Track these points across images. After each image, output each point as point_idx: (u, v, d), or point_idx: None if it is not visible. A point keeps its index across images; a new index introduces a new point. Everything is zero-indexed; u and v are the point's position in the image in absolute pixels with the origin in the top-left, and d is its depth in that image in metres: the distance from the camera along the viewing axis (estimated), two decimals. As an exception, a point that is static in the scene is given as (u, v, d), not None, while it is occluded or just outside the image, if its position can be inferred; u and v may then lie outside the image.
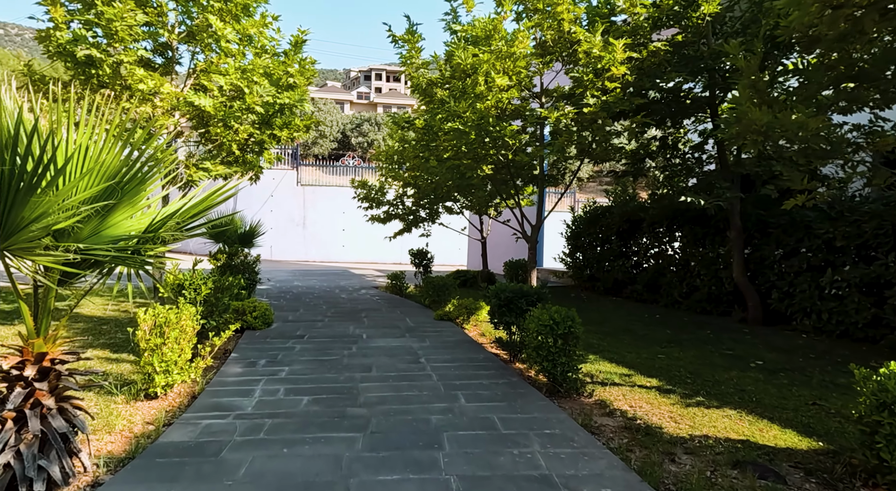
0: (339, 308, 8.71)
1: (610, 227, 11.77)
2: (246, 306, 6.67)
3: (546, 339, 4.42)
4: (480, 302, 7.66)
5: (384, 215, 12.51)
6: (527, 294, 5.57)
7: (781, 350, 6.20)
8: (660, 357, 5.78)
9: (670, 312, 9.26)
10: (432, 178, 8.67)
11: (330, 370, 4.84)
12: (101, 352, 5.29)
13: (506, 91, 6.05)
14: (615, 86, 5.85)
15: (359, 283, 13.23)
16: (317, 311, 8.35)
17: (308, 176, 23.92)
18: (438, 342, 6.16)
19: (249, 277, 8.63)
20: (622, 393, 4.46)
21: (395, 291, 10.93)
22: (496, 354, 5.90)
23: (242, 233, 11.32)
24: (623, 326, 7.67)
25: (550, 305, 4.80)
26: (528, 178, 7.70)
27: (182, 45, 6.52)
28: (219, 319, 5.26)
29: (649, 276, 10.59)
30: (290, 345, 5.83)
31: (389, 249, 22.43)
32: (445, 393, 4.22)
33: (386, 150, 12.19)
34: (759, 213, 8.19)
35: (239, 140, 5.92)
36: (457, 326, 7.27)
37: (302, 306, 8.82)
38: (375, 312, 8.28)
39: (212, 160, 5.68)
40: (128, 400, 3.92)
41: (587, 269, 12.60)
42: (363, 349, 5.71)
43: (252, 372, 4.76)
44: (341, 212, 23.12)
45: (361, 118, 57.58)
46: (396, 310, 8.59)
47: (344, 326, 6.99)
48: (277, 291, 10.92)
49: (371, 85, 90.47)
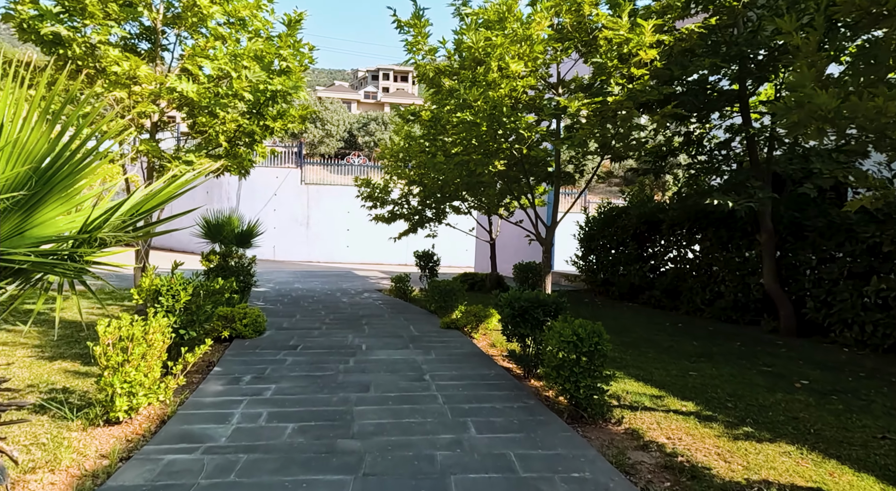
0: (339, 314, 8.16)
1: (626, 229, 11.16)
2: (235, 313, 6.13)
3: (568, 355, 3.85)
4: (490, 309, 7.09)
5: (389, 215, 11.96)
6: (544, 303, 4.99)
7: (825, 367, 5.59)
8: (691, 374, 5.19)
9: (693, 321, 8.65)
10: (439, 176, 8.11)
11: (322, 389, 4.29)
12: (69, 364, 4.76)
13: (521, 79, 5.48)
14: (642, 73, 5.26)
15: (362, 285, 12.69)
16: (315, 317, 7.80)
17: (312, 175, 23.43)
18: (445, 355, 5.59)
19: (244, 280, 8.10)
20: (656, 420, 3.88)
21: (400, 294, 10.38)
22: (508, 368, 5.33)
23: (240, 232, 10.81)
24: (644, 336, 7.08)
25: (572, 318, 4.22)
26: (542, 176, 7.11)
27: (170, 29, 6.00)
28: (199, 330, 4.71)
29: (668, 281, 9.98)
30: (282, 357, 5.28)
31: (395, 250, 21.91)
32: (453, 420, 3.65)
33: (391, 147, 11.65)
34: (793, 214, 7.57)
35: (227, 130, 5.37)
36: (465, 336, 6.70)
37: (299, 311, 8.27)
38: (377, 319, 7.73)
39: (196, 153, 5.15)
40: (85, 426, 3.38)
41: (601, 272, 12.00)
42: (362, 363, 5.15)
43: (234, 391, 4.21)
44: (346, 211, 22.61)
45: (368, 117, 57.18)
46: (400, 316, 8.03)
47: (342, 335, 6.44)
48: (275, 294, 10.40)
49: (378, 84, 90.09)
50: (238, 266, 8.18)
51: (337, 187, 22.86)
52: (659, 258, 10.71)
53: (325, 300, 9.68)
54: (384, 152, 11.87)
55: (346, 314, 8.11)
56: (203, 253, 8.23)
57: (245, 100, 5.04)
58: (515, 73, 5.38)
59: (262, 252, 22.41)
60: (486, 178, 6.29)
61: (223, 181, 22.72)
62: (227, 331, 5.98)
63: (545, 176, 7.18)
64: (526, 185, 6.81)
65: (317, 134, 53.40)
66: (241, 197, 22.45)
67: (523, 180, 7.17)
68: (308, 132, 52.91)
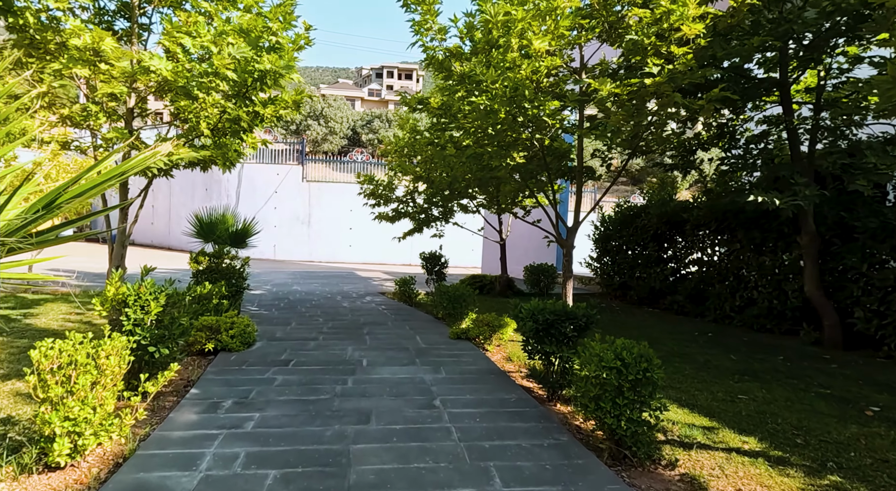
0: (339, 321, 7.50)
1: (646, 230, 10.47)
2: (222, 323, 5.47)
3: (609, 378, 3.18)
4: (505, 317, 6.41)
5: (393, 214, 11.29)
6: (573, 317, 4.32)
7: (892, 389, 4.90)
8: (741, 398, 4.50)
9: (722, 330, 7.96)
10: (448, 171, 7.45)
11: (314, 419, 3.62)
12: (23, 385, 4.11)
13: (544, 59, 4.79)
14: (684, 51, 4.57)
15: (364, 288, 12.03)
16: (312, 324, 7.14)
17: (314, 172, 22.78)
18: (457, 373, 4.92)
19: (235, 284, 7.44)
20: (717, 463, 3.19)
21: (404, 299, 9.72)
22: (528, 387, 4.66)
23: (235, 231, 10.17)
24: (675, 349, 6.40)
25: (611, 337, 3.55)
26: (562, 171, 6.43)
27: (149, 6, 5.35)
28: (173, 347, 4.05)
29: (693, 285, 9.29)
30: (270, 376, 4.61)
31: (399, 250, 21.26)
32: (472, 466, 2.97)
33: (395, 141, 11.00)
34: (840, 214, 6.86)
35: (208, 116, 4.71)
36: (477, 348, 6.03)
37: (296, 318, 7.61)
38: (380, 327, 7.06)
39: (173, 141, 4.51)
40: (16, 473, 2.72)
41: (617, 275, 11.31)
42: (362, 383, 4.48)
43: (209, 421, 3.54)
44: (348, 210, 21.96)
45: (372, 115, 56.58)
46: (405, 324, 7.36)
47: (341, 348, 5.77)
48: (272, 297, 9.74)
49: (383, 82, 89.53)
50: (229, 268, 7.53)
51: (339, 185, 22.21)
52: (681, 261, 10.01)
53: (324, 305, 9.02)
54: (388, 148, 11.21)
55: (347, 321, 7.44)
56: (192, 254, 7.58)
57: (228, 80, 4.38)
58: (538, 51, 4.70)
59: (262, 252, 21.78)
60: (502, 173, 5.62)
61: (222, 178, 22.11)
62: (212, 343, 5.33)
63: (565, 171, 6.50)
64: (546, 180, 6.12)
65: (320, 131, 52.83)
66: (242, 194, 21.83)
67: (542, 175, 6.49)
68: (311, 130, 52.34)
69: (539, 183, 6.42)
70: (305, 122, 52.83)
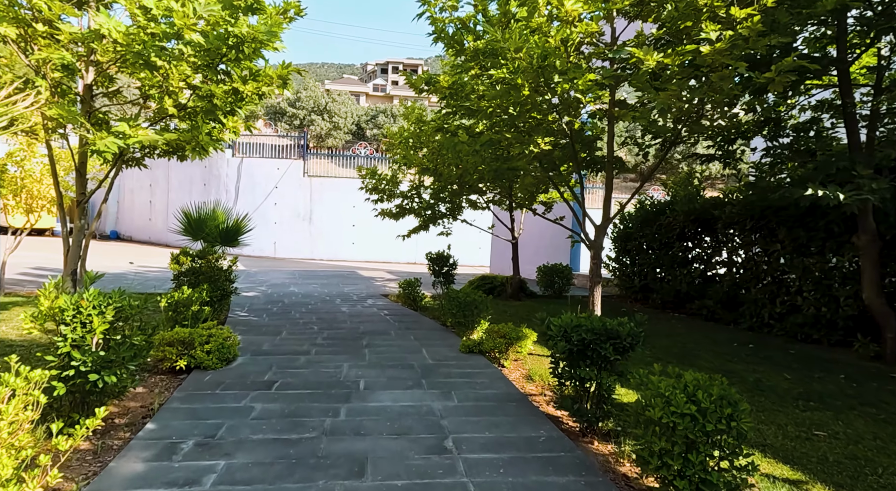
0: (336, 329, 6.72)
1: (671, 228, 9.64)
2: (196, 335, 4.70)
3: (682, 427, 2.39)
4: (523, 327, 5.62)
5: (396, 210, 10.50)
6: (615, 336, 3.53)
7: None
8: (818, 435, 3.70)
9: (761, 339, 7.14)
10: (458, 162, 6.65)
11: (294, 470, 2.84)
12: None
13: (577, 24, 3.99)
14: (748, 13, 3.75)
15: (366, 289, 11.25)
16: (305, 334, 6.37)
17: (316, 167, 22.03)
18: (471, 399, 4.13)
19: (220, 287, 6.68)
20: (823, 541, 2.40)
21: (409, 302, 8.93)
22: (556, 417, 3.89)
23: (226, 228, 9.42)
24: (715, 364, 5.60)
25: (676, 368, 2.76)
26: (591, 161, 5.63)
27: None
28: (124, 373, 3.28)
29: (725, 289, 8.46)
30: (247, 404, 3.84)
31: (403, 248, 20.48)
32: (500, 553, 2.19)
33: (399, 132, 10.20)
34: (905, 212, 6.03)
35: (174, 91, 3.93)
36: (492, 364, 5.24)
37: (287, 326, 6.84)
38: (382, 338, 6.28)
39: (131, 121, 3.71)
40: None
41: (638, 277, 10.48)
42: (357, 415, 3.70)
43: (159, 473, 2.77)
44: (351, 206, 21.18)
45: (377, 110, 55.82)
46: (409, 333, 6.58)
47: (335, 365, 5.00)
48: (265, 300, 8.98)
49: (388, 78, 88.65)
50: (214, 270, 6.76)
51: (342, 180, 21.43)
52: (710, 262, 9.18)
53: (321, 310, 8.25)
54: (392, 140, 10.42)
55: (345, 330, 6.66)
56: (172, 254, 6.83)
57: (194, 45, 3.59)
58: (570, 14, 3.90)
59: (261, 249, 21.05)
60: (522, 163, 4.81)
61: (221, 173, 21.39)
62: (184, 360, 4.56)
63: (593, 161, 5.69)
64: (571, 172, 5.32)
65: (324, 126, 52.10)
66: (241, 190, 21.10)
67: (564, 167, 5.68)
68: (315, 125, 51.61)
69: (560, 176, 5.61)
70: (309, 118, 52.10)
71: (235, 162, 21.16)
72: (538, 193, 7.81)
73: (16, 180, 8.44)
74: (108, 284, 10.01)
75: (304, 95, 54.17)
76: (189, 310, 5.54)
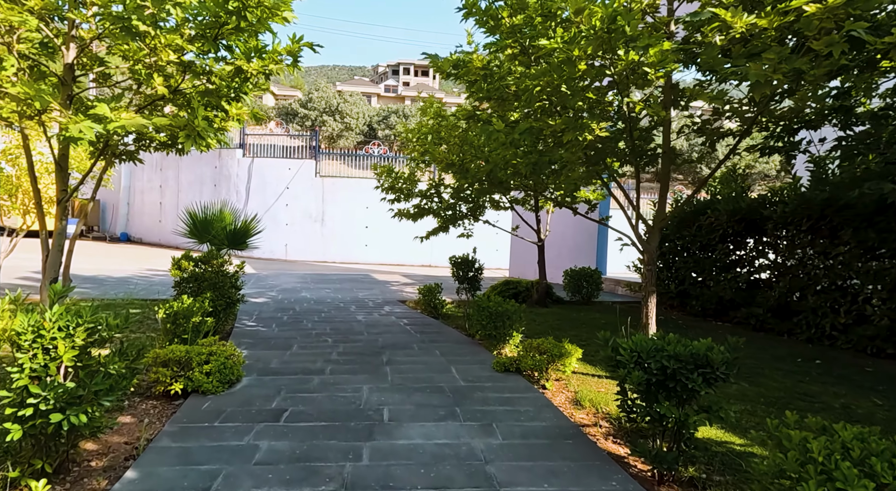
0: (353, 342, 6.08)
1: (712, 229, 8.88)
2: (194, 354, 4.07)
3: None
4: (565, 343, 4.92)
5: (414, 210, 9.87)
6: (704, 364, 2.83)
7: None
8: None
9: (825, 353, 6.38)
10: (486, 157, 5.99)
11: (307, 544, 2.18)
12: None
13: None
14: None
15: (381, 294, 10.62)
16: (318, 347, 5.74)
17: (328, 167, 21.47)
18: (517, 434, 3.45)
19: (224, 295, 6.07)
20: None
21: (429, 310, 8.27)
22: (619, 456, 3.20)
23: (233, 230, 8.83)
24: (788, 385, 4.87)
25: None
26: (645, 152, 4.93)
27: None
28: (97, 411, 2.65)
29: (777, 296, 7.70)
30: (250, 442, 3.19)
31: (419, 250, 19.86)
32: None
33: (417, 127, 9.57)
34: None
35: (162, 67, 3.32)
36: (532, 386, 4.56)
37: (299, 337, 6.21)
38: (404, 352, 5.62)
39: (113, 102, 3.10)
40: None
41: (674, 282, 9.73)
42: (382, 458, 3.04)
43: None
44: (364, 207, 20.61)
45: (389, 110, 55.37)
46: (434, 347, 5.92)
47: (354, 386, 4.34)
48: (275, 307, 8.37)
49: (399, 79, 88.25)
50: (219, 276, 6.15)
51: (354, 180, 20.85)
52: (757, 266, 8.42)
53: (335, 318, 7.62)
54: (409, 135, 9.78)
55: (362, 343, 6.02)
56: (174, 259, 6.23)
57: (185, 7, 2.97)
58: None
59: (272, 252, 20.52)
60: (570, 154, 4.12)
61: (232, 173, 20.92)
62: (180, 382, 3.93)
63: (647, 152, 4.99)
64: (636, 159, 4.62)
65: (335, 127, 51.72)
66: (251, 190, 20.60)
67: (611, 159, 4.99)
68: (326, 125, 51.23)
69: (609, 168, 4.90)
70: (321, 118, 51.69)
71: (246, 162, 20.66)
72: (578, 190, 7.10)
73: (11, 179, 7.91)
74: (112, 289, 9.50)
75: (316, 96, 53.83)
76: (189, 322, 4.93)
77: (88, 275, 11.13)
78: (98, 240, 24.66)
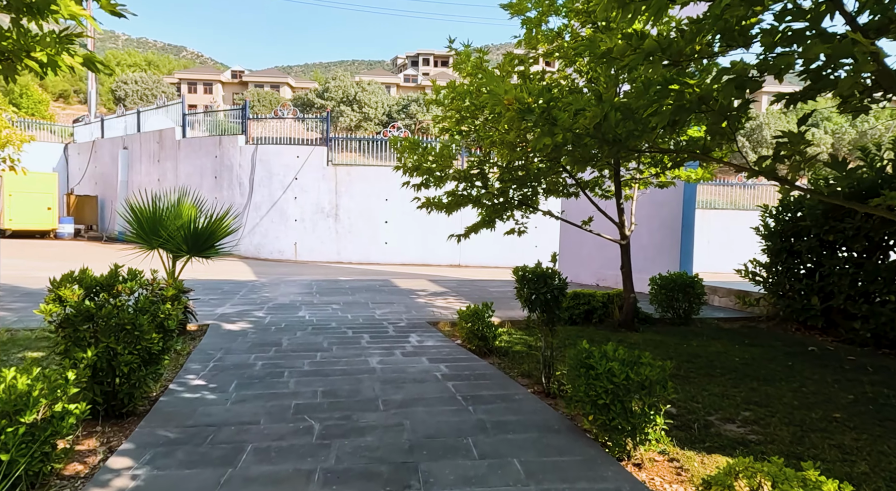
0: (357, 432, 3.46)
1: (886, 222, 6.05)
2: None
3: None
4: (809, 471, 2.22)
5: (448, 198, 7.23)
6: None
7: None
8: None
9: None
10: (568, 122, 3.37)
11: None
12: None
13: None
14: None
15: (406, 311, 7.99)
16: (289, 457, 3.13)
17: (341, 154, 18.92)
18: None
19: (138, 348, 3.51)
20: None
21: (475, 341, 5.60)
22: None
23: (195, 230, 6.30)
24: None
25: None
26: None
27: None
28: None
29: None
30: None
31: (447, 248, 17.19)
32: None
33: (449, 86, 6.99)
34: None
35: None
36: None
37: (263, 420, 3.62)
38: (452, 463, 2.97)
39: None
40: None
41: (817, 293, 6.90)
42: None
43: None
44: (383, 199, 18.03)
45: (409, 99, 52.83)
46: (505, 444, 3.26)
47: None
48: (252, 342, 5.77)
49: (419, 69, 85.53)
50: (131, 313, 3.58)
51: (372, 169, 18.26)
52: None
53: (336, 365, 5.02)
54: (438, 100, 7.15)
55: (373, 439, 3.37)
56: (52, 281, 3.68)
57: None
58: None
59: (280, 251, 18.08)
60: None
61: (234, 164, 18.50)
62: None
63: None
64: None
65: (353, 118, 49.33)
66: (256, 182, 18.18)
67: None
68: (344, 116, 48.87)
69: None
70: (338, 109, 49.31)
71: (249, 149, 18.22)
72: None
73: None
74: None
75: (333, 85, 51.48)
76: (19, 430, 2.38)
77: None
78: (94, 240, 22.59)
